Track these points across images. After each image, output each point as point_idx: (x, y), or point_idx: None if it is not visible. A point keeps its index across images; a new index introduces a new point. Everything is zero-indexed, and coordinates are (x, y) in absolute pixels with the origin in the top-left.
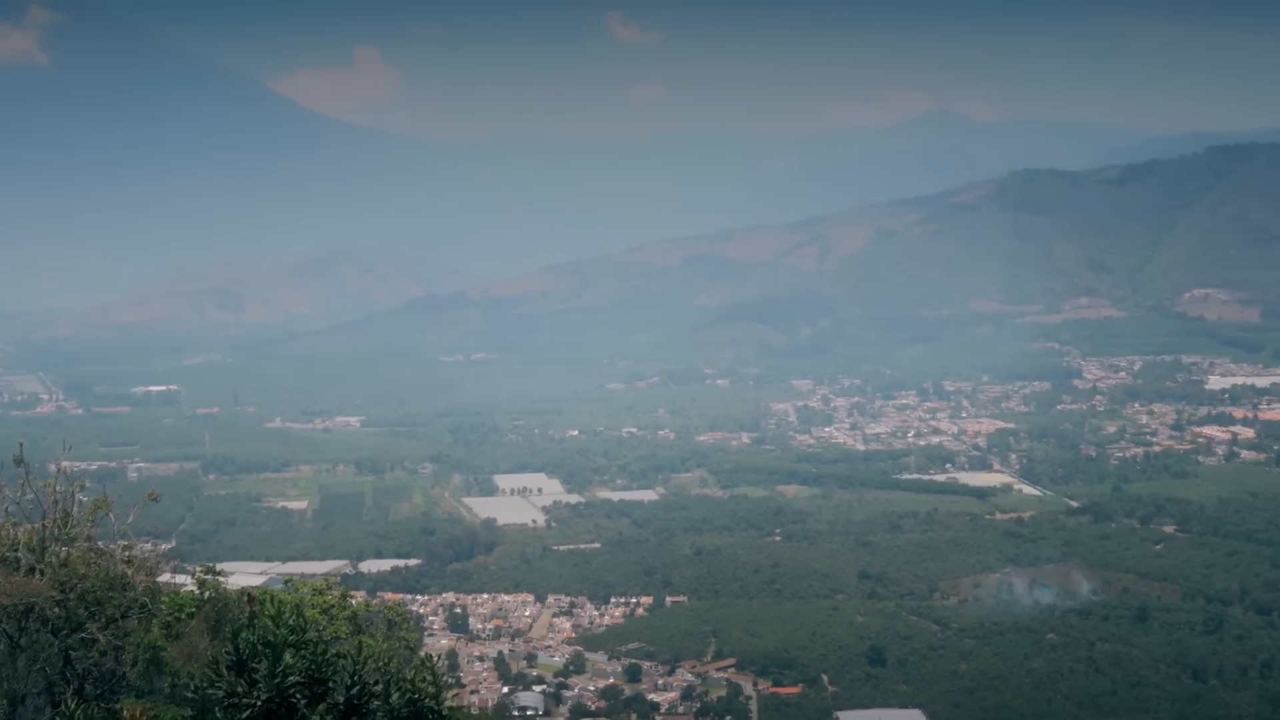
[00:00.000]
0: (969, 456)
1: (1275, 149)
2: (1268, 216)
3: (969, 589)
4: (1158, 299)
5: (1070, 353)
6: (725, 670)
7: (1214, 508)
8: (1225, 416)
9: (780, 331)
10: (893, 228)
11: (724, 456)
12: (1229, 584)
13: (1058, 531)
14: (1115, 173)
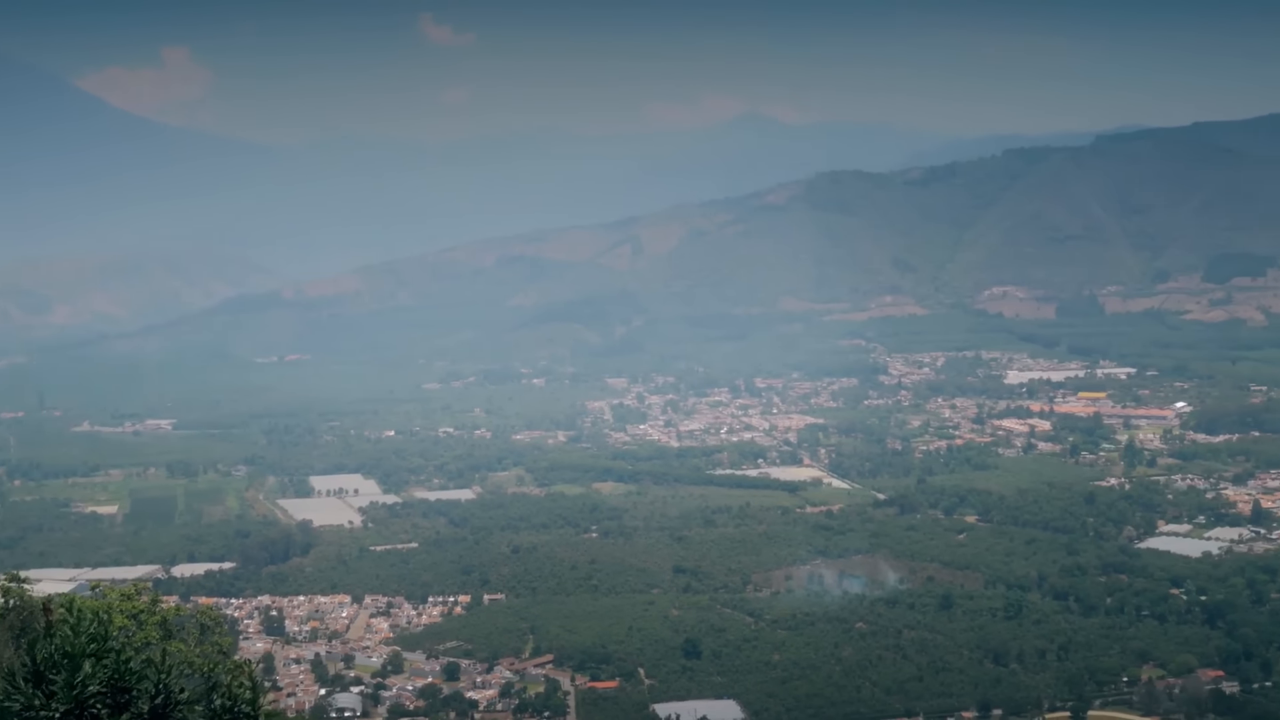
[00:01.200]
0: (780, 451)
1: (1069, 151)
2: (1062, 217)
3: (781, 581)
4: (959, 296)
5: (876, 349)
6: (543, 666)
7: (1013, 498)
8: (1023, 410)
9: (595, 331)
10: (704, 228)
11: (541, 455)
12: (1028, 571)
13: (866, 523)
14: (918, 174)
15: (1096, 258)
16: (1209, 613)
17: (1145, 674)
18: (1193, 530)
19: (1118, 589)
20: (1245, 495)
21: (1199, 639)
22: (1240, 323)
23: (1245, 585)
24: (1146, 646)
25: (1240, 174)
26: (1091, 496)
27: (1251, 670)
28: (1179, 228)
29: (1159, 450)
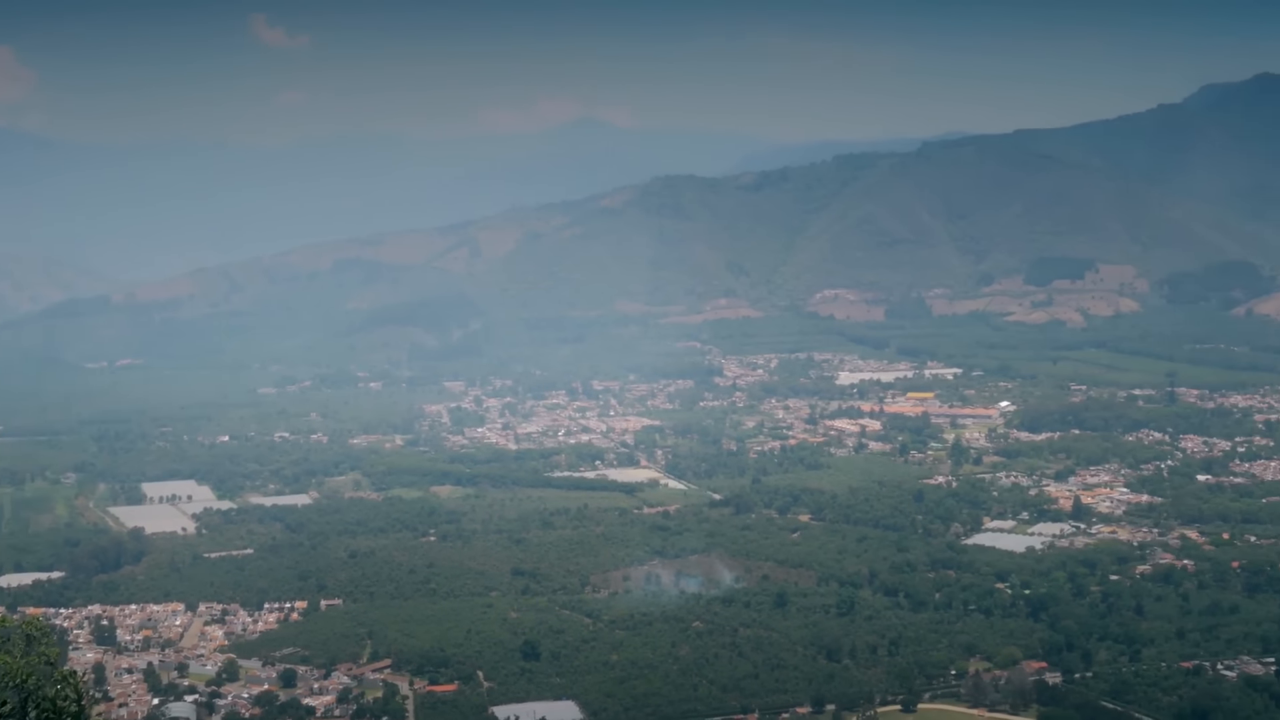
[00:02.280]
0: (618, 453)
1: (897, 158)
2: (891, 221)
3: (619, 582)
4: (791, 299)
5: (711, 351)
6: (381, 671)
7: (845, 496)
8: (854, 410)
9: (432, 334)
10: (541, 231)
11: (378, 459)
12: (860, 568)
13: (702, 523)
14: (751, 179)
15: (924, 261)
16: (1033, 606)
17: (973, 667)
18: (1017, 526)
19: (946, 584)
20: (1066, 491)
21: (1023, 632)
22: (1061, 324)
23: (1067, 579)
24: (973, 640)
25: (1060, 180)
26: (920, 494)
27: (1073, 661)
28: (1002, 232)
29: (985, 448)
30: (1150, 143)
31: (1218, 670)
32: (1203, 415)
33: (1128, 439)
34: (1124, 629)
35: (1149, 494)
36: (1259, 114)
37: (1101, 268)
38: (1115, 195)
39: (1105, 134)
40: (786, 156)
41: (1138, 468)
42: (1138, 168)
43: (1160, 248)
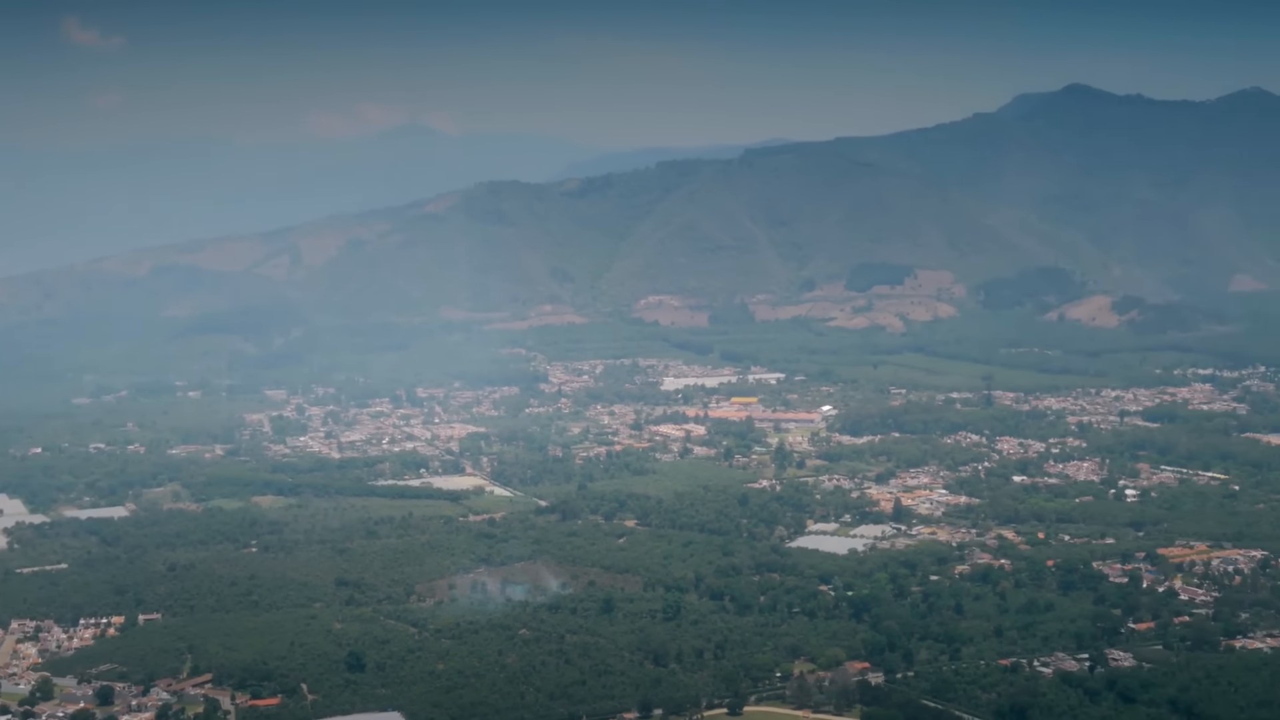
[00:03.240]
0: (443, 461)
1: (719, 164)
2: (714, 227)
3: (445, 590)
4: (616, 305)
5: (537, 358)
6: (202, 686)
7: (671, 501)
8: (679, 415)
9: (253, 342)
10: (364, 237)
11: (198, 469)
12: (686, 572)
13: (528, 530)
14: (575, 185)
15: (747, 267)
16: (856, 607)
17: (797, 668)
18: (840, 528)
19: (770, 587)
20: (887, 494)
21: (846, 633)
22: (881, 329)
23: (888, 580)
24: (798, 642)
25: (879, 187)
26: (745, 498)
27: (895, 660)
28: (823, 239)
29: (808, 452)
30: (967, 151)
31: (1034, 667)
32: (1018, 417)
33: (946, 441)
34: (944, 628)
35: (967, 495)
36: (1070, 123)
37: (920, 273)
38: (933, 202)
39: (923, 142)
40: (611, 163)
41: (956, 469)
42: (955, 175)
43: (976, 254)
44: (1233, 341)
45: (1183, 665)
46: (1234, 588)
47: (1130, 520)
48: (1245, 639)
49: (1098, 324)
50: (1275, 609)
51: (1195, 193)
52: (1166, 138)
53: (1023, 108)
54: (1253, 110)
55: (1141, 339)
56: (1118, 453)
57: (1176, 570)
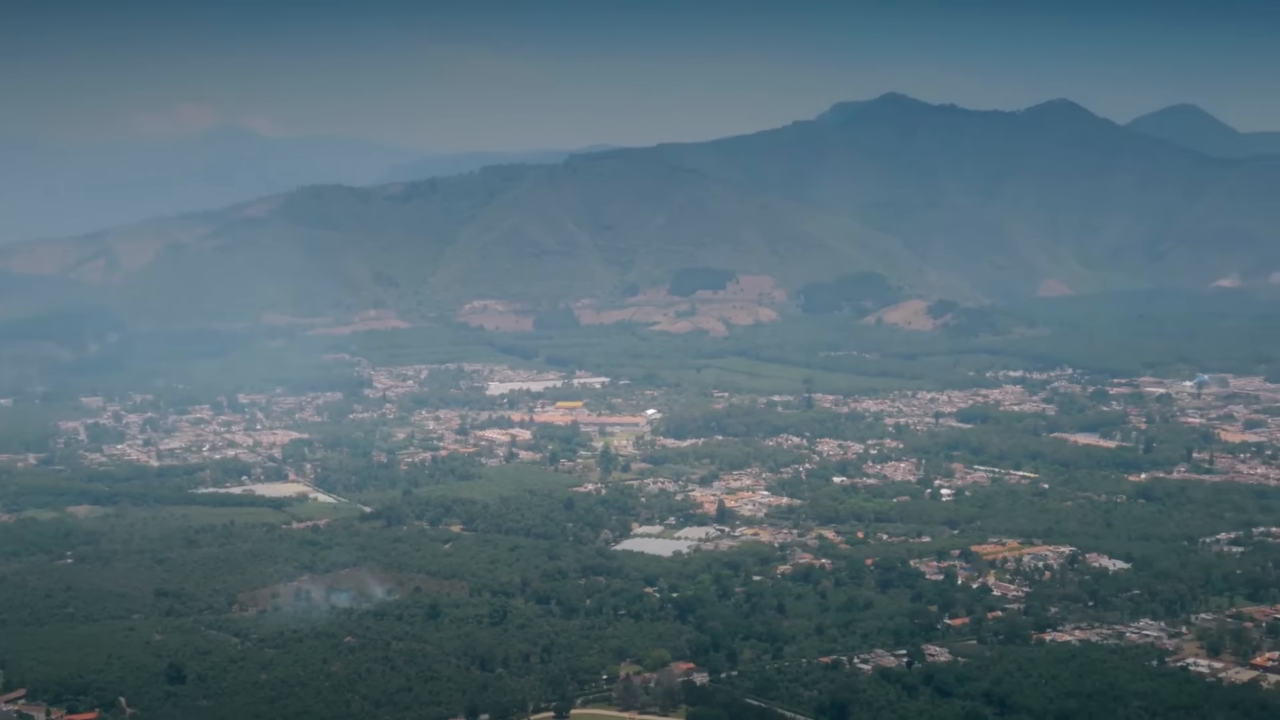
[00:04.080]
0: (265, 468)
1: (543, 169)
2: (539, 232)
3: (268, 599)
4: (441, 310)
5: (361, 363)
6: (15, 702)
7: (497, 506)
8: (505, 420)
9: (67, 348)
10: (183, 241)
11: (9, 479)
12: (512, 577)
13: (353, 537)
14: (399, 189)
15: (571, 272)
16: (680, 608)
17: (624, 670)
18: (664, 531)
19: (596, 590)
20: (711, 496)
21: (672, 634)
22: (704, 333)
23: (712, 581)
24: (624, 644)
25: (702, 193)
26: (571, 502)
27: (719, 660)
28: (647, 244)
29: (632, 456)
30: (787, 158)
31: (854, 664)
32: (837, 420)
33: (768, 444)
34: (767, 627)
35: (789, 496)
36: (887, 131)
37: (741, 278)
38: (754, 208)
39: (745, 149)
40: (435, 167)
41: (778, 471)
42: (775, 182)
43: (797, 259)
44: (1041, 344)
45: (996, 659)
46: (1044, 583)
47: (945, 519)
48: (1055, 632)
49: (914, 327)
50: (1082, 603)
51: (1006, 200)
52: (979, 146)
53: (841, 116)
54: (1061, 121)
55: (955, 342)
56: (933, 453)
57: (990, 567)
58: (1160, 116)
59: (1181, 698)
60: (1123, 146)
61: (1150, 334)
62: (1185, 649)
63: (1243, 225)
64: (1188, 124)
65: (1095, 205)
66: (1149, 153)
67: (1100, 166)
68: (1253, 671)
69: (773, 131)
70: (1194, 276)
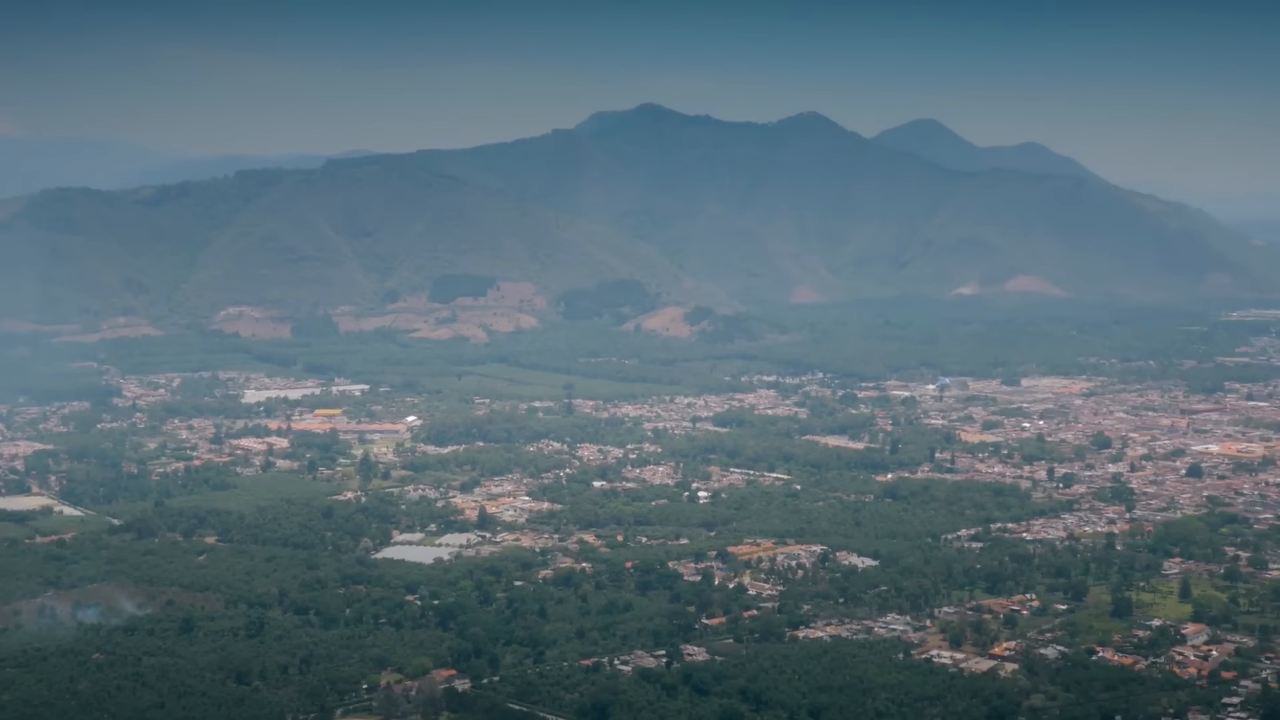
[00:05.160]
0: (6, 480)
1: (301, 174)
2: (296, 238)
3: (10, 617)
4: (194, 317)
5: (110, 371)
6: None
7: (253, 516)
8: (262, 428)
9: None
10: None
11: None
12: (269, 588)
13: (101, 551)
14: (150, 193)
15: (330, 278)
16: (442, 615)
17: (385, 679)
18: (425, 538)
19: (356, 599)
20: (472, 502)
21: (433, 641)
22: (464, 340)
23: (474, 587)
24: (385, 653)
25: (462, 200)
26: (330, 511)
27: (481, 667)
28: (407, 250)
29: (393, 463)
30: (546, 166)
31: (614, 665)
32: (598, 425)
33: (529, 449)
34: (528, 632)
35: (550, 501)
36: (644, 141)
37: (502, 285)
38: (514, 215)
39: (505, 156)
40: (187, 170)
41: (539, 477)
42: (535, 190)
43: (557, 266)
44: (794, 350)
45: (752, 656)
46: (797, 581)
47: (703, 521)
48: (807, 629)
49: (671, 334)
50: (833, 600)
51: (760, 209)
52: (733, 157)
53: (600, 125)
54: (810, 133)
55: (711, 348)
56: (690, 456)
57: (745, 567)
58: (904, 130)
59: (926, 688)
60: (869, 159)
61: (895, 339)
62: (929, 641)
63: (980, 235)
64: (929, 138)
65: (843, 215)
66: (893, 165)
67: (848, 178)
68: (991, 661)
69: (532, 140)
70: (936, 284)
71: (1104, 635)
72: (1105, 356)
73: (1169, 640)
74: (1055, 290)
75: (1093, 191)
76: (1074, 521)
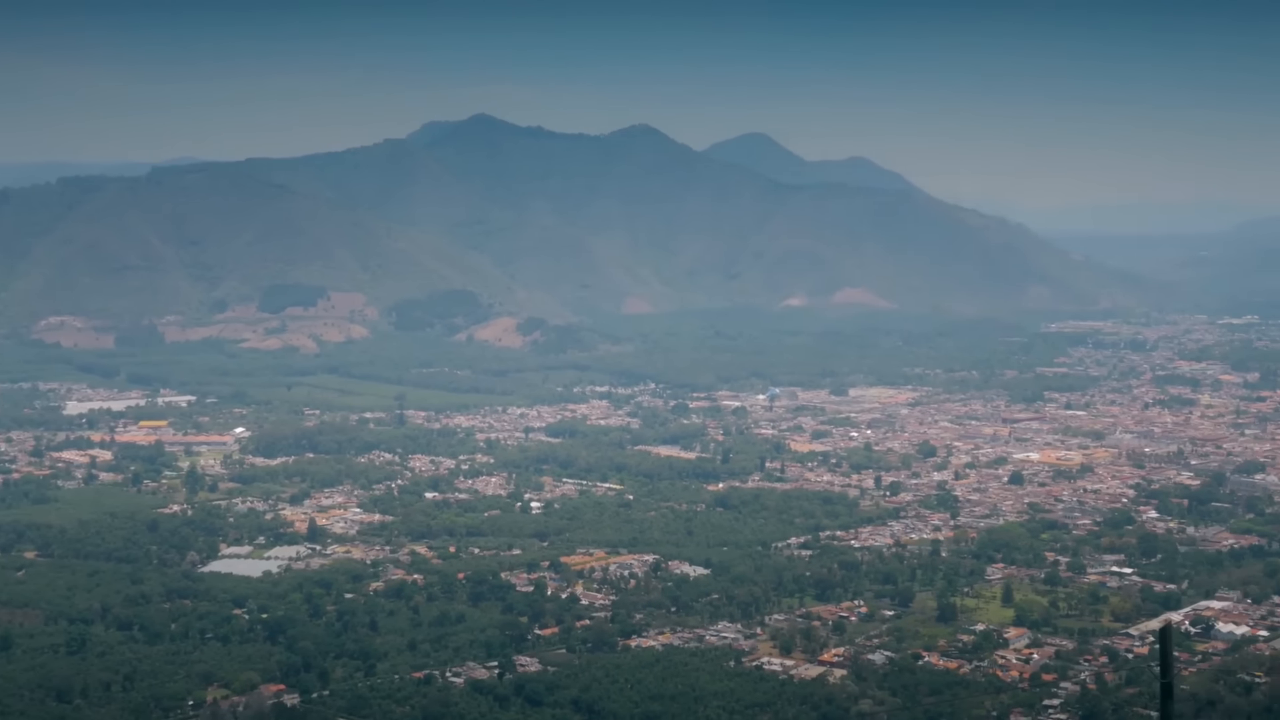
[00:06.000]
0: None
1: (126, 182)
2: (120, 247)
3: None
4: (14, 327)
5: None
6: None
7: (75, 530)
8: (84, 441)
9: None
10: None
11: None
12: (91, 604)
13: None
14: None
15: (155, 287)
16: (270, 629)
17: (211, 695)
18: (254, 551)
19: (182, 614)
20: (302, 514)
21: (261, 656)
22: (295, 350)
23: (304, 600)
24: (211, 668)
25: (293, 209)
26: (155, 524)
27: (310, 681)
28: (235, 259)
29: (220, 475)
30: (378, 175)
31: (446, 677)
32: (430, 436)
33: (360, 461)
34: (359, 645)
35: (381, 513)
36: (477, 151)
37: (333, 295)
38: (346, 225)
39: (336, 165)
40: (6, 177)
41: (370, 488)
42: (367, 199)
43: (388, 276)
44: (626, 360)
45: (584, 666)
46: (629, 590)
47: (536, 531)
48: (640, 638)
49: (504, 344)
50: (665, 608)
51: (592, 220)
52: (565, 168)
53: (432, 135)
54: (642, 145)
55: (544, 358)
56: (523, 467)
57: (578, 577)
58: (734, 144)
59: (757, 695)
60: (700, 171)
61: (726, 350)
62: (760, 649)
63: (809, 248)
64: (759, 151)
65: (675, 226)
66: (724, 178)
67: (679, 190)
68: (820, 667)
69: (364, 149)
70: (765, 296)
71: (930, 640)
72: (930, 367)
73: (992, 644)
74: (882, 302)
75: (918, 205)
76: (901, 529)
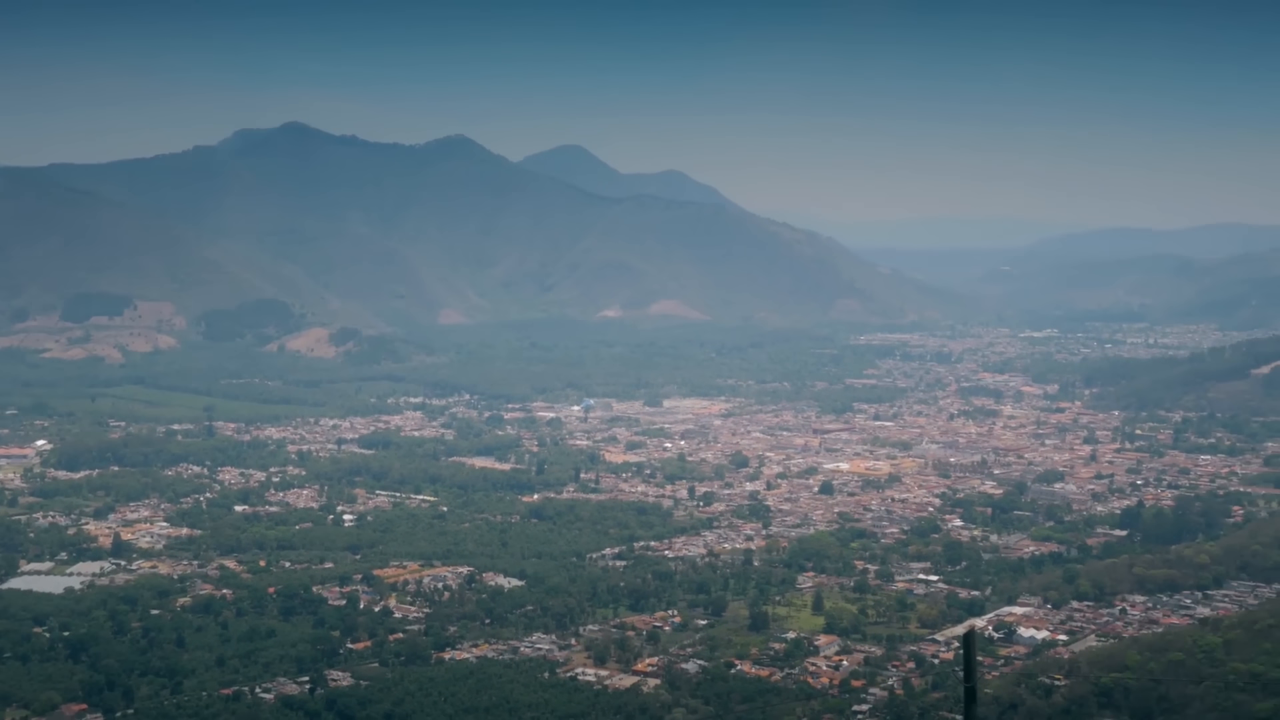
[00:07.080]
0: None
1: None
2: None
3: None
4: None
5: None
6: None
7: None
8: None
9: None
10: None
11: None
12: None
13: None
14: None
15: None
16: (72, 647)
17: (10, 716)
18: (55, 567)
19: None
20: (106, 529)
21: (63, 675)
22: (100, 360)
23: (108, 617)
24: (10, 688)
25: (98, 216)
26: None
27: (114, 700)
28: (37, 267)
29: (20, 489)
30: (187, 183)
31: (256, 694)
32: (240, 448)
33: (168, 473)
34: (166, 662)
35: (189, 527)
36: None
37: (140, 304)
38: (153, 233)
39: (143, 173)
40: None
41: (178, 501)
42: (176, 207)
43: (197, 286)
44: (441, 371)
45: (398, 680)
46: (444, 603)
47: (348, 544)
48: (454, 650)
49: (316, 355)
50: (480, 620)
51: (406, 230)
52: (379, 178)
53: (243, 143)
54: (458, 156)
55: (358, 369)
56: (336, 479)
57: (392, 590)
58: (550, 155)
59: (571, 706)
60: (515, 183)
61: (541, 361)
62: (574, 660)
63: (624, 260)
64: (574, 164)
65: (490, 237)
66: (539, 189)
67: (495, 201)
68: (634, 677)
69: (173, 155)
70: (581, 307)
71: (742, 649)
72: (742, 378)
73: (803, 651)
74: (695, 314)
75: (731, 219)
76: (714, 539)
